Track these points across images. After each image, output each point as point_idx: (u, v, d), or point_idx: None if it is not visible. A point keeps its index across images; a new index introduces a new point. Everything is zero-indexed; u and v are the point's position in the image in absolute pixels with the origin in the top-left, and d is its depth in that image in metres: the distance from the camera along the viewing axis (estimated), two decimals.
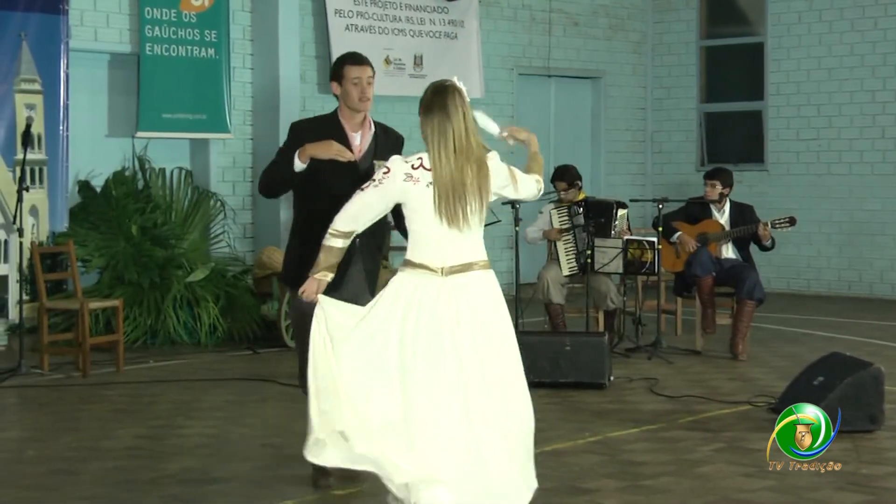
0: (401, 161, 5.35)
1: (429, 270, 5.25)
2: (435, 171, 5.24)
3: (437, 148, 5.29)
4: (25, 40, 10.83)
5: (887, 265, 14.71)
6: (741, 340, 10.21)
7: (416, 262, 5.28)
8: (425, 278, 5.24)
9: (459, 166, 5.26)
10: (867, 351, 10.01)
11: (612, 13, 16.19)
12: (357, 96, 6.25)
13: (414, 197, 5.27)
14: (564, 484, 6.19)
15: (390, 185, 5.28)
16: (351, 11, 13.24)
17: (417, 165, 5.29)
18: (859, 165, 14.91)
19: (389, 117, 13.80)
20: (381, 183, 5.29)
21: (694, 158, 16.18)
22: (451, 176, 5.23)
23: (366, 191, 5.32)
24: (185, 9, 11.94)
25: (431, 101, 5.45)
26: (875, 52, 14.77)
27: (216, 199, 12.20)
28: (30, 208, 10.71)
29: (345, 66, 6.30)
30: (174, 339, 10.85)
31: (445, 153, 5.27)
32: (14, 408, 8.62)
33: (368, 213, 5.38)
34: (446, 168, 5.24)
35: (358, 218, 5.37)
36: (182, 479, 6.43)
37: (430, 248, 5.28)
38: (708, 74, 16.37)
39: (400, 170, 5.29)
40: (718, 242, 10.52)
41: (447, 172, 5.24)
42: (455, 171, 5.24)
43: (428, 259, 5.26)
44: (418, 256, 5.29)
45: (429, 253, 5.27)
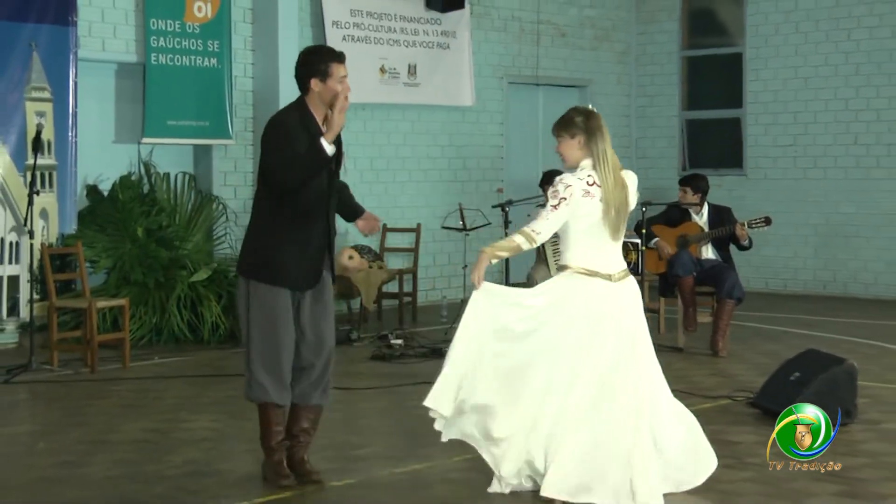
0: (576, 178, 5.74)
1: (599, 276, 5.74)
2: (604, 188, 5.71)
3: (604, 168, 5.74)
4: (36, 50, 10.81)
5: (861, 266, 14.73)
6: (721, 338, 10.22)
7: (587, 268, 5.74)
8: (596, 283, 5.73)
9: (620, 183, 5.76)
10: (841, 348, 10.02)
11: (598, 25, 16.20)
12: (345, 94, 5.91)
13: (589, 211, 5.70)
14: None
15: (573, 201, 5.69)
16: (348, 23, 13.22)
17: (591, 183, 5.73)
18: (834, 170, 14.92)
19: (385, 124, 13.89)
20: (569, 200, 5.69)
21: (676, 164, 16.18)
22: (614, 192, 5.72)
23: (559, 209, 5.70)
24: (189, 20, 11.93)
25: (590, 126, 5.81)
26: (848, 63, 14.79)
27: (218, 202, 12.19)
28: (40, 211, 10.70)
29: (331, 63, 5.94)
30: (178, 336, 10.83)
31: (610, 172, 5.74)
32: (25, 403, 8.60)
33: (558, 227, 5.79)
34: (612, 185, 5.72)
35: (552, 231, 5.79)
36: (186, 471, 6.42)
37: (599, 257, 5.77)
38: (689, 83, 16.38)
39: (578, 187, 5.71)
40: (698, 244, 10.53)
41: (612, 189, 5.72)
42: (617, 188, 5.74)
43: (599, 266, 5.75)
44: (588, 263, 5.75)
45: (598, 261, 5.76)
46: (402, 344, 10.63)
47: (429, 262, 14.10)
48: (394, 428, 7.52)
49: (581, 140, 5.79)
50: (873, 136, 14.62)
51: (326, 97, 5.94)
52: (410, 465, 6.52)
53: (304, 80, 5.99)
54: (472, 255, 13.70)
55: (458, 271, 13.64)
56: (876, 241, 14.60)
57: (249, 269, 6.05)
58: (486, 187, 14.70)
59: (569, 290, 5.76)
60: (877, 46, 14.57)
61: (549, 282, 5.96)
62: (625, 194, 5.78)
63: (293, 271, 5.96)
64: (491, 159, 14.87)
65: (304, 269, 5.99)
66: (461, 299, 12.51)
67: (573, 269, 5.77)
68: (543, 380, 5.71)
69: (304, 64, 6.00)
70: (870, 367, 9.34)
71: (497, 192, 14.51)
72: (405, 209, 13.95)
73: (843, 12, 14.82)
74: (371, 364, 9.91)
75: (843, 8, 14.82)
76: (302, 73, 6.00)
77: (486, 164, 14.81)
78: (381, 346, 10.60)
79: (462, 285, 13.30)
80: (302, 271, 5.99)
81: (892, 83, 14.47)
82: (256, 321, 5.99)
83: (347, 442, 7.05)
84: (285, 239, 5.97)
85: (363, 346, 10.79)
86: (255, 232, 6.10)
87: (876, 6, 14.58)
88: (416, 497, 5.94)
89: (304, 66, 6.00)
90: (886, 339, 11.20)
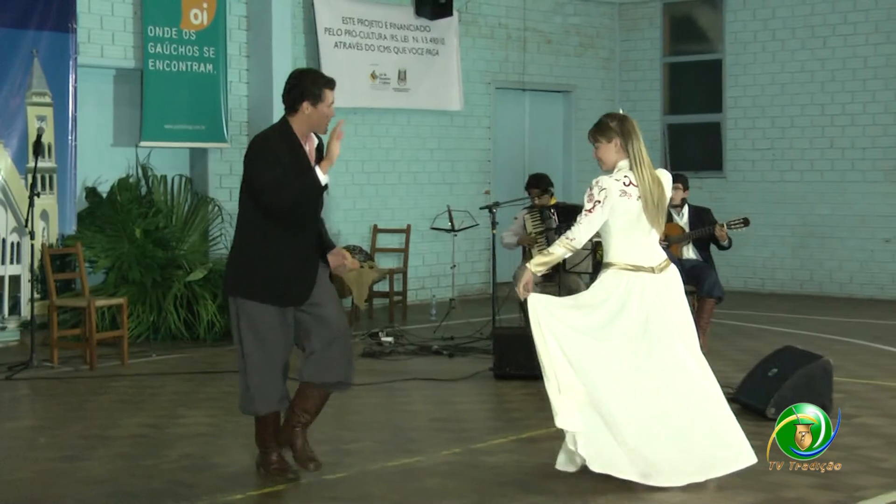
0: (612, 180, 5.88)
1: (643, 270, 5.88)
2: (642, 186, 5.88)
3: (640, 167, 5.92)
4: (37, 57, 10.80)
5: (836, 265, 14.78)
6: (702, 335, 10.18)
7: (631, 263, 5.89)
8: (641, 276, 5.87)
9: (656, 180, 5.94)
10: (817, 345, 10.05)
11: (583, 32, 16.23)
12: (329, 120, 5.87)
13: (628, 209, 5.86)
14: (542, 468, 6.19)
15: (610, 202, 5.84)
16: (339, 30, 13.23)
17: (628, 183, 5.89)
18: (810, 173, 14.97)
19: (375, 128, 13.90)
20: (604, 202, 5.83)
21: (658, 166, 16.15)
22: (651, 189, 5.89)
23: (593, 212, 5.85)
24: (186, 27, 11.92)
25: (625, 129, 6.00)
26: (824, 69, 14.84)
27: (214, 204, 12.18)
28: (41, 213, 10.69)
29: (325, 89, 5.82)
30: (175, 334, 10.83)
31: (646, 171, 5.93)
32: (26, 398, 8.59)
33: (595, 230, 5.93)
34: (649, 183, 5.90)
35: (590, 234, 5.93)
36: (183, 465, 6.42)
37: (642, 251, 5.92)
38: (670, 89, 16.41)
39: (615, 188, 5.86)
40: (679, 244, 10.56)
41: (649, 186, 5.89)
42: (655, 185, 5.91)
43: (642, 260, 5.90)
44: (632, 258, 5.90)
45: (641, 255, 5.91)
46: (393, 341, 10.64)
47: (418, 262, 14.11)
48: (385, 423, 7.53)
49: (617, 143, 5.98)
50: (848, 140, 14.67)
51: (314, 120, 5.85)
52: (401, 458, 6.53)
53: (295, 100, 5.83)
54: (459, 255, 13.78)
55: (446, 271, 13.66)
56: (850, 241, 14.66)
57: (236, 286, 5.89)
58: (474, 189, 14.72)
59: (618, 284, 5.89)
60: (851, 53, 14.63)
61: (597, 282, 6.05)
62: (661, 190, 5.95)
63: (280, 287, 5.82)
64: (478, 162, 14.89)
65: (292, 284, 5.84)
66: (450, 298, 12.52)
67: (617, 266, 5.92)
68: (628, 370, 5.86)
69: (297, 85, 5.84)
70: (844, 363, 9.38)
71: (484, 195, 14.54)
72: (395, 211, 13.96)
73: (818, 20, 14.87)
74: (362, 361, 9.91)
75: (818, 16, 14.88)
76: (294, 94, 5.83)
77: (474, 167, 14.82)
78: (373, 344, 10.61)
79: (451, 284, 13.31)
80: (290, 287, 5.84)
81: (866, 89, 14.53)
82: (247, 339, 5.86)
83: (340, 436, 7.05)
84: (271, 254, 5.81)
85: (355, 343, 10.75)
86: (241, 247, 5.92)
87: (850, 15, 14.64)
88: (407, 490, 5.95)
89: (297, 88, 5.83)
90: (860, 336, 11.25)
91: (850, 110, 14.64)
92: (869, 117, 14.52)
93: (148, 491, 5.89)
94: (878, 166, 14.47)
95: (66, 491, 5.90)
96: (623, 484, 5.86)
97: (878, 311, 13.32)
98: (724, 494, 5.82)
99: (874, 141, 14.50)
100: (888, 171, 14.39)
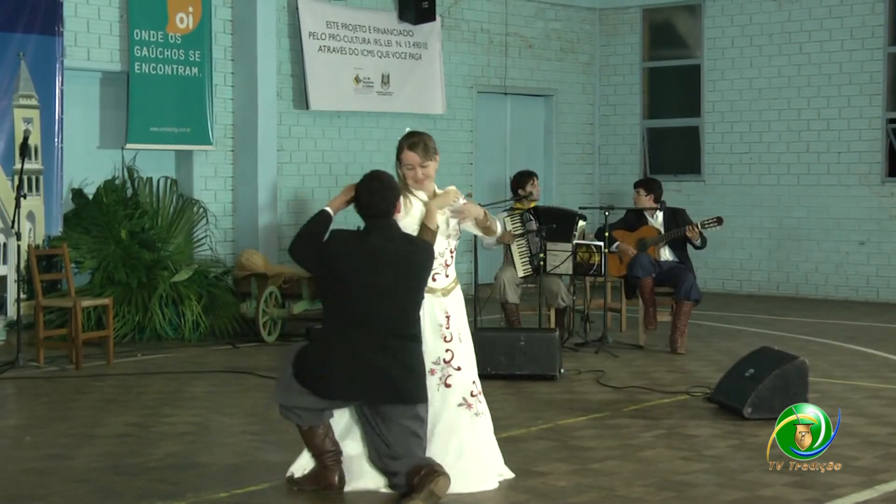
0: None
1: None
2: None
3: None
4: (24, 60, 10.75)
5: (812, 267, 14.83)
6: (680, 336, 10.26)
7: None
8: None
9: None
10: (793, 345, 10.08)
11: (564, 37, 16.24)
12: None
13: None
14: (520, 467, 6.18)
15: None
16: (324, 34, 13.21)
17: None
18: (787, 177, 15.02)
19: (359, 132, 13.89)
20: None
21: (637, 170, 16.23)
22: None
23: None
24: (172, 31, 11.89)
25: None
26: (800, 74, 14.89)
27: (199, 205, 12.14)
28: (27, 214, 10.64)
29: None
30: (160, 334, 10.80)
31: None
32: (12, 398, 8.55)
33: None
34: None
35: None
36: (168, 463, 6.39)
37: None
38: (650, 93, 16.44)
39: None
40: (656, 246, 10.58)
41: None
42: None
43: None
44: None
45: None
46: None
47: None
48: None
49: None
50: (824, 144, 14.73)
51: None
52: None
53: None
54: None
55: None
56: (826, 244, 14.71)
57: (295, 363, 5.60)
58: None
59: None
60: (826, 59, 14.68)
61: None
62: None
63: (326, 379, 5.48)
64: (461, 165, 14.89)
65: (340, 379, 5.46)
66: None
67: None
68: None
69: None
70: (819, 363, 9.42)
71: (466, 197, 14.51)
72: None
73: (794, 27, 14.92)
74: None
75: (795, 23, 14.93)
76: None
77: (456, 169, 14.82)
78: None
79: None
80: (336, 381, 5.47)
81: (841, 94, 14.59)
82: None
83: None
84: (324, 341, 5.57)
85: None
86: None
87: (826, 21, 14.69)
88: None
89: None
90: (835, 337, 11.28)
91: (826, 115, 14.70)
92: (844, 122, 14.57)
93: (133, 489, 5.86)
94: (852, 170, 14.53)
95: (51, 489, 5.87)
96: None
97: (853, 312, 13.37)
98: (697, 491, 5.82)
99: (849, 145, 14.55)
100: (863, 174, 14.46)
